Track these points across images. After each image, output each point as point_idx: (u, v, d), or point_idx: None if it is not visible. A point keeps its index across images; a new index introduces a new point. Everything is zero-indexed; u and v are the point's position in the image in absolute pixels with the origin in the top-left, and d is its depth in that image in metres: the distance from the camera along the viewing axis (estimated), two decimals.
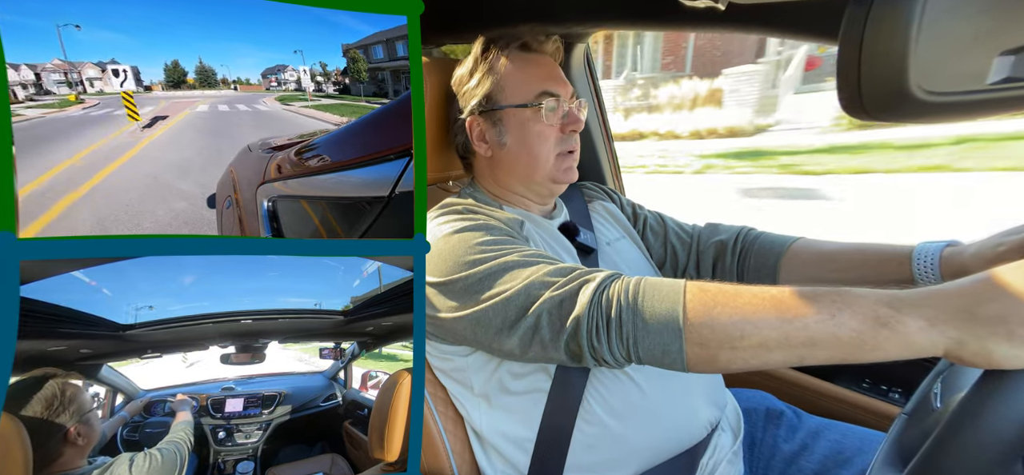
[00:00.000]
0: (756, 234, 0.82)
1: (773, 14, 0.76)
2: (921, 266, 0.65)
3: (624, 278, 0.55)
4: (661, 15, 0.88)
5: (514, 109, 0.74)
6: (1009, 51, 0.32)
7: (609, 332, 0.53)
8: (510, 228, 0.68)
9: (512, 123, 0.74)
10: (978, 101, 0.34)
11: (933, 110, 0.34)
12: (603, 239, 0.82)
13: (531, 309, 0.57)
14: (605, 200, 0.92)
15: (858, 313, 0.44)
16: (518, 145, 0.74)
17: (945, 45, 0.32)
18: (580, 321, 0.54)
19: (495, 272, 0.60)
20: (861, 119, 0.39)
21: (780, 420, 0.84)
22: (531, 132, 0.74)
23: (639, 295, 0.53)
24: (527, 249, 0.63)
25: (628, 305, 0.53)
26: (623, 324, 0.53)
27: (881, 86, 0.34)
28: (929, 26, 0.31)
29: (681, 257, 0.86)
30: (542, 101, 0.73)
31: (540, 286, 0.57)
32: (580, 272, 0.57)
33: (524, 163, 0.75)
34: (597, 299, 0.54)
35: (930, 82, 0.33)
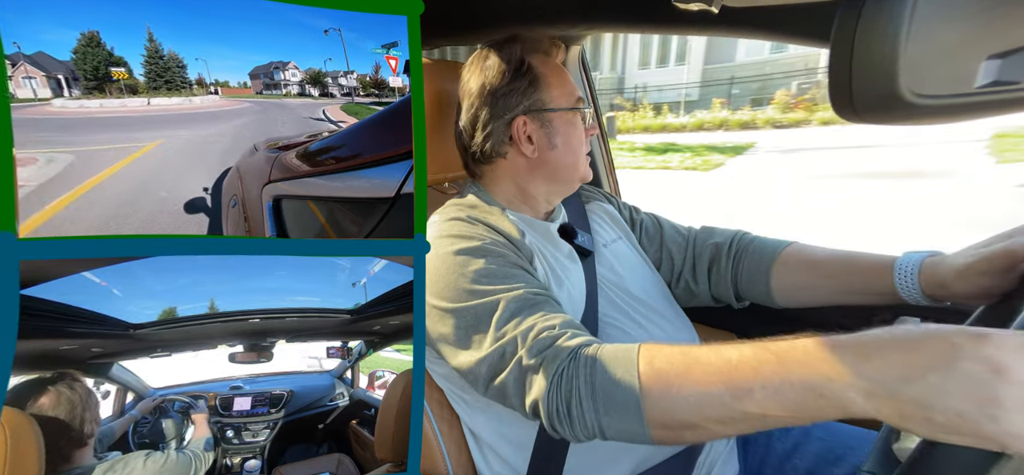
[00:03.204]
0: (751, 238, 0.83)
1: (766, 17, 0.77)
2: (902, 279, 0.66)
3: (579, 356, 0.55)
4: (655, 17, 0.88)
5: (562, 112, 0.75)
6: (996, 55, 0.33)
7: (572, 424, 0.54)
8: (511, 247, 0.68)
9: (561, 126, 0.75)
10: (966, 104, 0.35)
11: (923, 112, 0.35)
12: (600, 241, 0.82)
13: (497, 378, 0.59)
14: (602, 202, 0.92)
15: (797, 385, 0.42)
16: (566, 147, 0.76)
17: (934, 48, 0.33)
18: (539, 405, 0.56)
19: (481, 318, 0.61)
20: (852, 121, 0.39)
21: None
22: (574, 135, 0.76)
23: (594, 380, 0.53)
24: (517, 287, 0.62)
25: (587, 396, 0.53)
26: (585, 415, 0.53)
27: (872, 88, 0.35)
28: (919, 30, 0.32)
29: (677, 260, 0.86)
30: (579, 105, 0.76)
31: (512, 351, 0.58)
32: (547, 338, 0.57)
33: (569, 165, 0.77)
34: (556, 384, 0.55)
35: (919, 85, 0.33)
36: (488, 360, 0.60)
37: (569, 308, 0.70)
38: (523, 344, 0.58)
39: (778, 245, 0.80)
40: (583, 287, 0.73)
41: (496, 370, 0.60)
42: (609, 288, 0.76)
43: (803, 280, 0.76)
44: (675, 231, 0.90)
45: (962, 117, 0.37)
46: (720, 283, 0.83)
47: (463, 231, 0.68)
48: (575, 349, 0.55)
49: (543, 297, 0.63)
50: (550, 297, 0.64)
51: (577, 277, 0.74)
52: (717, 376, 0.47)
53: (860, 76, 0.35)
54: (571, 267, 0.75)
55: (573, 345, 0.56)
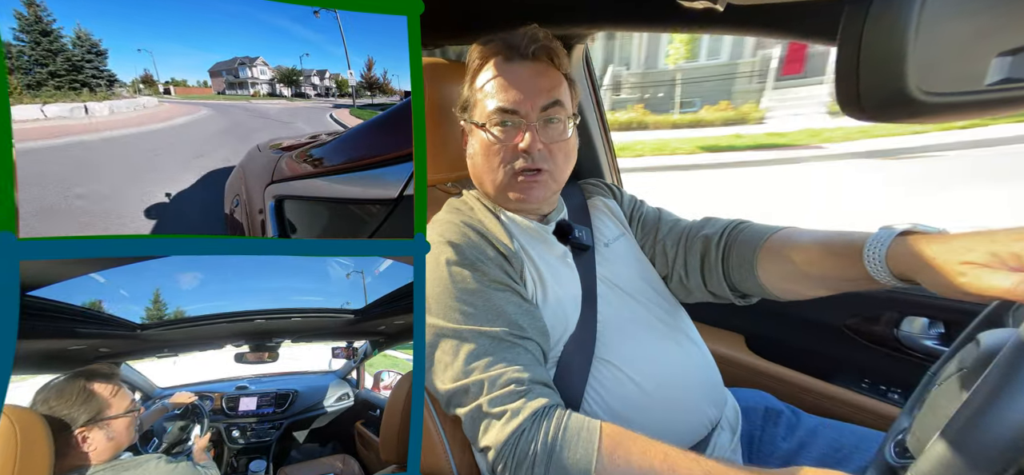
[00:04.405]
0: (743, 228, 0.78)
1: (771, 15, 0.76)
2: (871, 261, 0.58)
3: (542, 422, 0.56)
4: (659, 16, 0.88)
5: (475, 123, 0.74)
6: (1007, 52, 0.33)
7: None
8: (499, 260, 0.69)
9: (475, 135, 0.75)
10: (976, 101, 0.35)
11: (931, 110, 0.34)
12: (601, 239, 0.82)
13: (457, 410, 0.62)
14: (606, 196, 0.91)
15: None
16: (478, 158, 0.75)
17: (944, 45, 0.32)
18: (490, 451, 0.58)
19: (453, 347, 0.63)
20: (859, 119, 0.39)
21: (778, 419, 0.84)
22: (485, 148, 0.73)
23: (551, 452, 0.55)
24: (496, 323, 0.63)
25: (541, 463, 0.55)
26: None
27: (880, 86, 0.34)
28: (928, 26, 0.31)
29: (670, 254, 0.82)
30: (497, 118, 0.71)
31: (476, 392, 0.60)
32: (513, 392, 0.58)
33: (482, 176, 0.76)
34: (514, 440, 0.56)
35: (929, 82, 0.33)
36: (453, 392, 0.62)
37: (562, 313, 0.70)
38: (489, 390, 0.59)
39: (766, 232, 0.74)
40: (578, 288, 0.73)
41: (457, 403, 0.62)
42: (608, 288, 0.75)
43: (786, 267, 0.70)
44: (673, 225, 0.85)
45: (972, 115, 0.37)
46: (712, 277, 0.78)
47: (455, 237, 0.69)
48: (539, 412, 0.57)
49: (519, 338, 0.63)
50: (528, 337, 0.64)
51: (571, 279, 0.73)
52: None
53: (867, 73, 0.34)
54: (564, 269, 0.74)
55: (538, 407, 0.57)
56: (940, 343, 0.91)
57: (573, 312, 0.71)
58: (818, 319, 1.04)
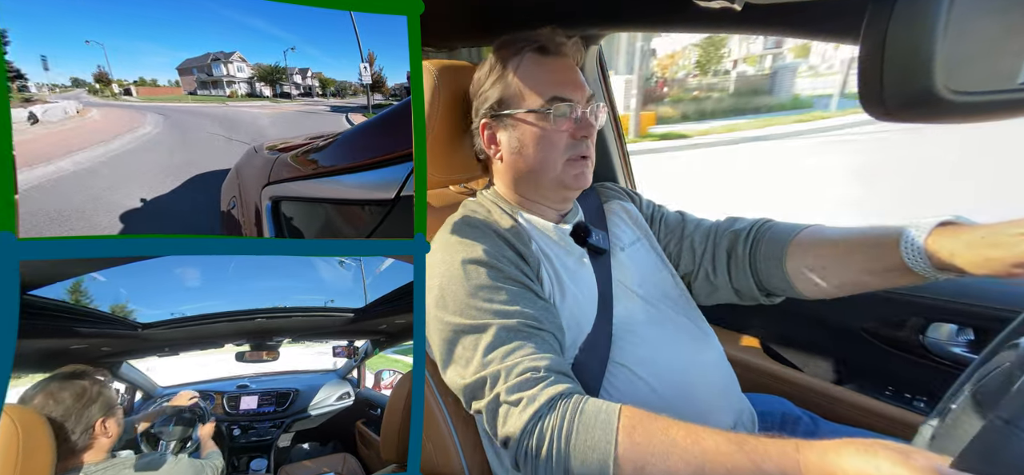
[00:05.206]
0: (770, 224, 0.80)
1: (790, 14, 0.74)
2: (908, 250, 0.61)
3: (560, 407, 0.56)
4: (675, 16, 0.87)
5: (525, 113, 0.74)
6: None
7: (537, 470, 0.55)
8: (516, 259, 0.69)
9: (523, 128, 0.74)
10: (1007, 101, 0.33)
11: (960, 110, 0.33)
12: (618, 243, 0.81)
13: (476, 403, 0.62)
14: (623, 200, 0.90)
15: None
16: (529, 150, 0.74)
17: (973, 43, 0.31)
18: (510, 440, 0.57)
19: (471, 341, 0.62)
20: (882, 119, 0.38)
21: (796, 426, 0.83)
22: (541, 137, 0.74)
23: (570, 436, 0.54)
24: (511, 315, 0.63)
25: (560, 449, 0.54)
26: (553, 467, 0.54)
27: (905, 85, 0.33)
28: (957, 23, 0.30)
29: (698, 251, 0.83)
30: (552, 106, 0.73)
31: (494, 382, 0.60)
32: (531, 379, 0.58)
33: (534, 168, 0.75)
34: (532, 427, 0.56)
35: (957, 81, 0.32)
36: (471, 386, 0.61)
37: (578, 314, 0.69)
38: (506, 379, 0.58)
39: (795, 228, 0.75)
40: (595, 290, 0.72)
41: (476, 396, 0.62)
42: (624, 292, 0.75)
43: (814, 262, 0.72)
44: (698, 223, 0.87)
45: (1002, 115, 0.35)
46: (739, 273, 0.79)
47: (471, 237, 0.68)
48: (556, 397, 0.56)
49: (535, 329, 0.63)
50: (545, 329, 0.64)
51: (588, 281, 0.73)
52: (690, 466, 0.50)
53: (892, 73, 0.33)
54: (582, 271, 0.74)
55: (555, 393, 0.57)
56: (969, 351, 0.88)
57: (589, 314, 0.70)
58: (838, 323, 1.02)
